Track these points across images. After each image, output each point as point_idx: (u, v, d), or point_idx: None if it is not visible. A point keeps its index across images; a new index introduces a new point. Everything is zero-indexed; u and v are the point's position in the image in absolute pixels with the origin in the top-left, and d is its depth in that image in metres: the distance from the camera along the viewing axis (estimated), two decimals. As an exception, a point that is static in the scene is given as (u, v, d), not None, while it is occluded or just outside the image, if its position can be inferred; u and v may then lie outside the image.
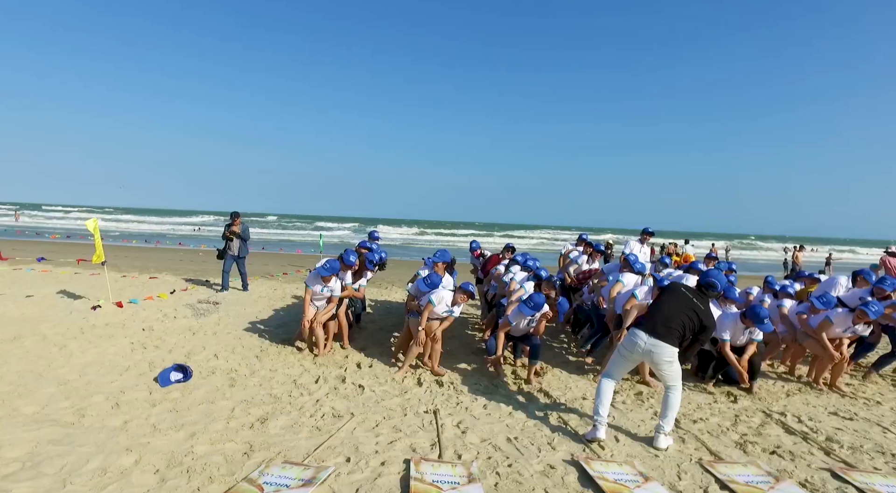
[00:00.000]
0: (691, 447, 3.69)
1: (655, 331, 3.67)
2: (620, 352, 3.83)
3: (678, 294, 3.83)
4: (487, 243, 19.14)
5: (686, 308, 3.73)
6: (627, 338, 3.79)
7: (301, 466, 3.12)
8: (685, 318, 3.70)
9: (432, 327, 5.37)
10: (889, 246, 14.62)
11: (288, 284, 12.24)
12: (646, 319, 3.80)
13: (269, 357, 5.62)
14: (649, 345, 3.66)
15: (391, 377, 5.11)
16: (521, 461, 3.37)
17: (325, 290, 5.80)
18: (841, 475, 3.30)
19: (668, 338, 3.65)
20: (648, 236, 8.32)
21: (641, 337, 3.68)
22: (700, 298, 3.86)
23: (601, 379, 3.89)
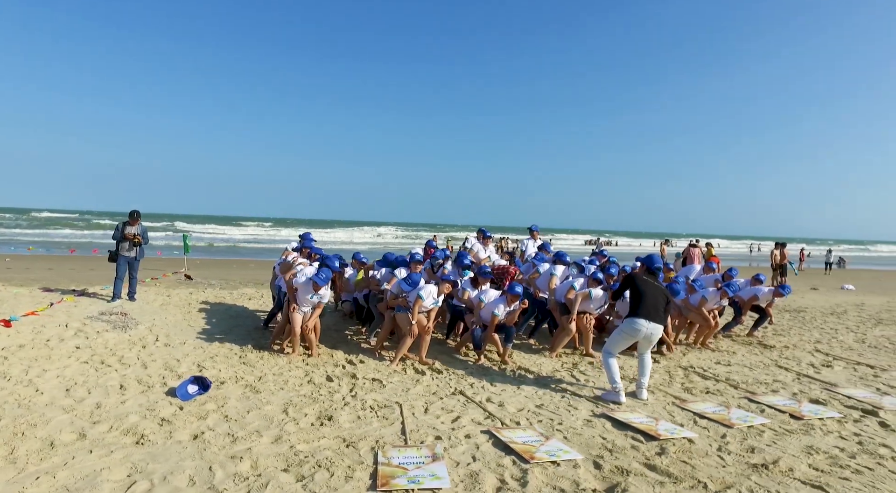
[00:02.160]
0: (659, 395, 4.97)
1: (652, 317, 4.74)
2: (622, 335, 4.84)
3: (647, 282, 4.94)
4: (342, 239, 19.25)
5: (662, 293, 4.94)
6: (629, 325, 4.75)
7: (413, 447, 3.55)
8: (664, 299, 4.92)
9: (423, 321, 5.91)
10: (692, 239, 19.02)
11: (171, 288, 11.26)
12: (640, 308, 4.75)
13: (257, 362, 5.56)
14: (651, 329, 4.74)
15: (392, 370, 5.54)
16: (565, 419, 4.24)
17: (315, 297, 5.91)
18: (753, 399, 4.88)
19: (662, 320, 4.81)
20: (536, 233, 9.74)
21: (643, 324, 4.70)
22: (656, 279, 5.07)
23: (605, 357, 4.86)
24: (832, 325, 9.48)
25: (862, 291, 16.54)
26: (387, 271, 7.31)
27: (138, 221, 8.86)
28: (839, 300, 13.58)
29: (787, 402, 4.77)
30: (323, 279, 5.80)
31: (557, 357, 6.39)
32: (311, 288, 5.84)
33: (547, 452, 3.50)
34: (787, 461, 3.49)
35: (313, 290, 5.84)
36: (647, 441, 3.78)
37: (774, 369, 6.16)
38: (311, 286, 5.83)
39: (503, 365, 5.91)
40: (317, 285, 5.80)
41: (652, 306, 4.79)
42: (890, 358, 6.92)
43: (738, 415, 4.35)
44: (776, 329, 8.80)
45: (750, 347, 7.37)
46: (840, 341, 7.95)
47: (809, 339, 8.07)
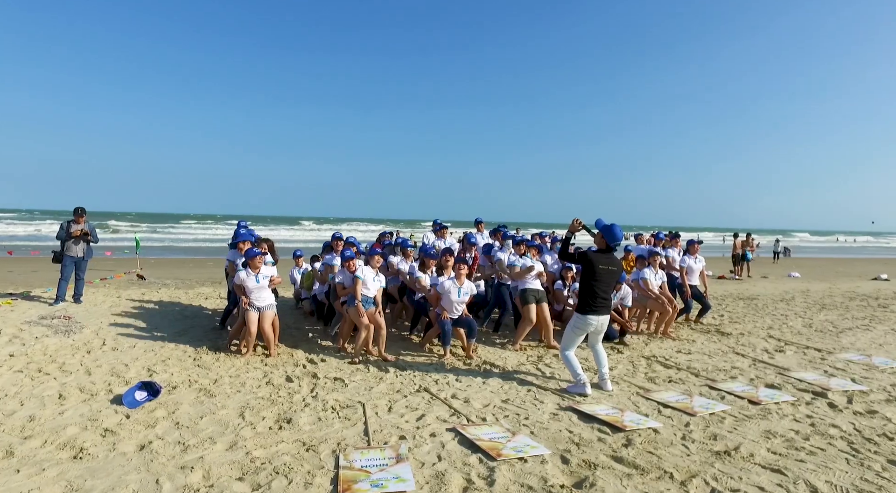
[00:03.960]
0: (624, 386, 5.01)
1: (602, 311, 4.70)
2: (574, 331, 4.77)
3: (604, 269, 4.69)
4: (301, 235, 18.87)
5: (614, 275, 4.77)
6: (581, 321, 4.70)
7: (376, 448, 3.42)
8: (613, 283, 4.80)
9: (372, 311, 5.78)
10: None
11: (122, 289, 10.74)
12: (592, 302, 4.65)
13: (212, 365, 5.30)
14: (602, 321, 4.74)
15: (355, 368, 5.38)
16: (531, 413, 4.19)
17: (260, 279, 5.71)
18: (713, 386, 4.98)
19: (608, 310, 4.80)
20: (482, 225, 9.70)
21: (593, 320, 4.67)
22: (612, 257, 4.82)
23: (564, 353, 4.81)
24: (782, 311, 9.87)
25: (806, 278, 17.36)
26: (330, 257, 7.13)
27: (84, 218, 8.35)
28: (787, 287, 14.20)
29: (745, 388, 4.88)
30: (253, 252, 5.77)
31: (522, 350, 6.37)
32: (248, 272, 5.73)
33: (514, 448, 3.44)
34: (748, 446, 3.55)
35: (252, 271, 5.72)
36: (614, 433, 3.78)
37: (732, 355, 6.32)
38: (247, 271, 5.73)
39: (468, 360, 5.84)
40: (252, 260, 5.73)
41: (603, 297, 4.71)
42: (834, 341, 7.24)
43: (700, 403, 4.41)
44: (732, 317, 9.09)
45: (709, 335, 7.56)
46: (790, 327, 8.27)
47: (763, 325, 8.36)
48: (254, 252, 5.73)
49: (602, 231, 4.76)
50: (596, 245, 4.90)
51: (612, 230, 4.72)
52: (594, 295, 4.70)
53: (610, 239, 4.74)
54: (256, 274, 5.71)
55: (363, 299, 5.75)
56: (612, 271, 4.76)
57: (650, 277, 7.50)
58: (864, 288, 14.20)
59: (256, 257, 5.69)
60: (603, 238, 4.77)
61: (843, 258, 32.01)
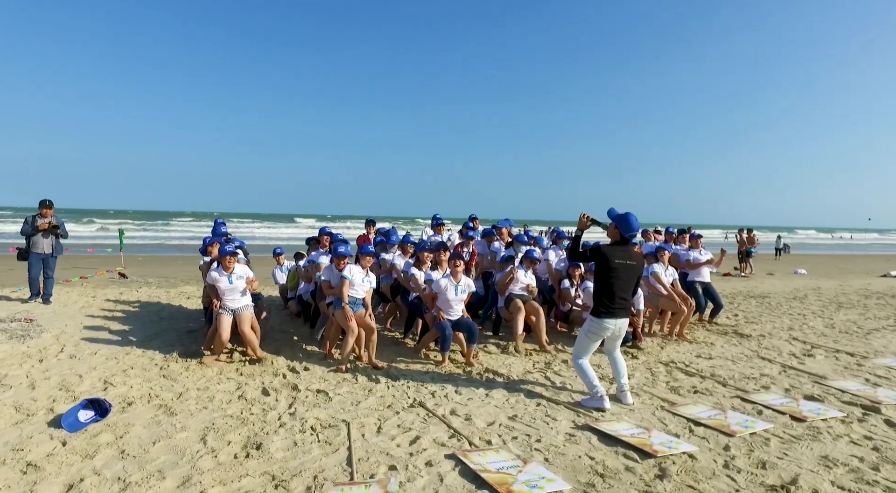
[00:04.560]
0: (645, 397, 4.43)
1: (620, 313, 4.11)
2: (589, 337, 4.18)
3: (621, 264, 4.07)
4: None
5: (634, 272, 4.15)
6: (596, 326, 4.10)
7: (360, 484, 2.82)
8: (635, 279, 4.20)
9: (361, 314, 5.20)
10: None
11: (100, 288, 10.11)
12: (609, 304, 4.03)
13: (180, 375, 4.69)
14: (620, 325, 4.14)
15: (341, 378, 4.78)
16: (544, 434, 3.61)
17: (234, 279, 5.13)
18: (746, 398, 4.40)
19: (627, 312, 4.20)
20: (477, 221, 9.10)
21: (610, 324, 4.08)
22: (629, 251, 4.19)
23: (578, 362, 4.22)
24: (798, 310, 9.33)
25: (812, 275, 16.86)
26: (316, 253, 6.54)
27: (51, 210, 7.71)
28: (797, 285, 13.69)
29: (784, 400, 4.31)
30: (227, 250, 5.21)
31: (527, 355, 5.79)
32: (221, 270, 5.16)
33: (527, 482, 2.86)
34: (807, 479, 2.97)
35: (225, 271, 5.14)
36: (643, 460, 3.19)
37: (757, 360, 5.76)
38: (220, 269, 5.17)
39: (468, 368, 5.25)
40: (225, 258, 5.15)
41: (621, 298, 4.10)
42: (864, 344, 6.69)
43: (736, 420, 3.83)
44: (747, 316, 8.54)
45: (727, 337, 7.00)
46: (811, 327, 7.73)
47: (782, 326, 7.81)
48: (226, 250, 5.13)
49: (616, 221, 4.17)
50: (610, 238, 4.29)
51: (626, 219, 4.11)
52: (611, 295, 4.10)
53: (625, 229, 4.11)
54: (230, 275, 5.12)
55: (351, 301, 5.16)
56: (631, 266, 4.15)
57: (660, 270, 6.95)
58: (876, 286, 13.69)
59: (227, 257, 5.09)
60: (617, 229, 4.16)
61: (844, 255, 31.59)
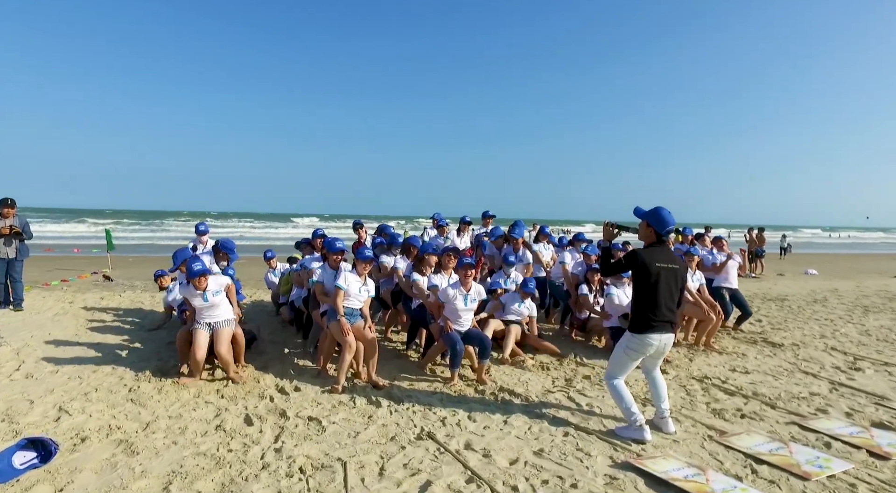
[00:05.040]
0: (688, 424, 3.84)
1: (666, 327, 3.52)
2: (628, 354, 3.58)
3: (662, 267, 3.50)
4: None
5: (676, 276, 3.57)
6: (637, 343, 3.51)
7: (359, 556, 2.23)
8: (680, 284, 3.61)
9: (359, 326, 4.60)
10: None
11: (80, 292, 9.49)
12: (652, 315, 3.46)
13: (150, 398, 4.07)
14: (666, 341, 3.55)
15: (337, 401, 4.17)
16: (579, 476, 3.02)
17: (209, 297, 4.52)
18: (805, 425, 3.82)
19: (674, 326, 3.61)
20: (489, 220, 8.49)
21: (654, 340, 3.49)
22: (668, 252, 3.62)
23: (612, 383, 3.63)
24: (823, 315, 8.77)
25: (824, 275, 16.34)
26: (308, 258, 5.93)
27: (13, 211, 7.08)
28: (812, 286, 13.15)
29: (851, 429, 3.71)
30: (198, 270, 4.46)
31: (543, 370, 5.20)
32: (190, 289, 4.54)
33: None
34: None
35: (196, 288, 4.51)
36: (707, 514, 2.61)
37: (800, 375, 5.18)
38: (190, 288, 4.54)
39: (480, 386, 4.66)
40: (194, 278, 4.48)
41: (667, 309, 3.52)
42: (910, 355, 6.13)
43: (805, 456, 3.24)
44: (772, 322, 7.97)
45: (756, 346, 6.43)
46: (845, 335, 7.17)
47: (812, 333, 7.25)
48: (195, 272, 4.42)
49: (647, 219, 3.59)
50: (643, 240, 3.70)
51: (659, 215, 3.54)
52: (654, 306, 3.49)
53: (660, 226, 3.55)
54: (204, 292, 4.51)
55: (347, 312, 4.56)
56: (674, 270, 3.55)
57: (688, 277, 6.41)
58: (895, 287, 13.17)
59: (197, 278, 4.45)
60: (650, 228, 3.58)
61: (848, 254, 31.11)
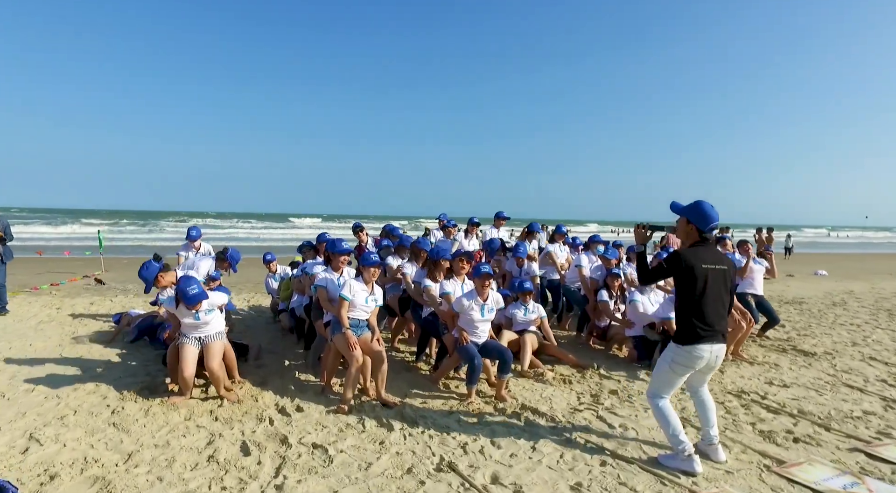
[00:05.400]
0: (736, 450, 3.43)
1: (715, 337, 3.09)
2: (675, 369, 3.14)
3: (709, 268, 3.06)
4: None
5: (724, 277, 3.14)
6: (683, 357, 3.10)
7: None
8: (727, 290, 3.16)
9: (366, 340, 4.19)
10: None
11: (69, 297, 9.06)
12: (696, 324, 3.05)
13: (135, 422, 3.65)
14: (717, 352, 3.12)
15: (344, 424, 3.75)
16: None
17: (201, 315, 4.08)
18: (873, 453, 3.40)
19: (725, 333, 3.18)
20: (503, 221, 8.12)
21: (705, 351, 3.07)
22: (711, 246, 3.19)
23: (656, 403, 3.21)
24: (847, 319, 8.38)
25: (835, 276, 15.97)
26: (311, 263, 5.51)
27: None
28: (826, 288, 12.78)
29: (925, 457, 3.31)
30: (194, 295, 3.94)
31: (566, 384, 4.79)
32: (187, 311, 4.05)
33: None
34: None
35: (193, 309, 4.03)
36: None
37: (845, 390, 4.77)
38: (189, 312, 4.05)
39: (500, 404, 4.24)
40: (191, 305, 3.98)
41: (717, 316, 3.10)
42: (951, 364, 5.73)
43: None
44: (796, 328, 7.57)
45: (787, 355, 6.02)
46: (878, 342, 6.77)
47: (842, 340, 6.85)
48: (192, 298, 3.92)
49: (686, 215, 3.16)
50: (683, 239, 3.27)
51: (701, 209, 3.11)
52: (702, 313, 3.06)
53: (702, 222, 3.11)
54: (196, 312, 4.07)
55: (353, 323, 4.14)
56: (721, 271, 3.12)
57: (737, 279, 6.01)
58: (912, 289, 12.80)
59: (198, 303, 4.00)
60: (690, 224, 3.15)
61: (853, 254, 30.81)
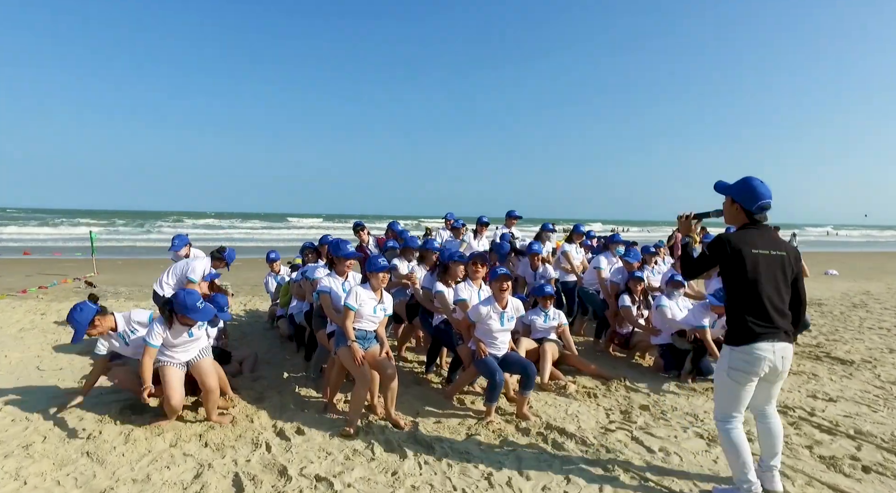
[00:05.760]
0: (800, 481, 3.01)
1: (776, 334, 2.59)
2: (736, 379, 2.67)
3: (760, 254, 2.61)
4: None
5: (781, 264, 2.64)
6: (739, 360, 2.63)
7: None
8: (786, 279, 2.68)
9: (374, 353, 3.76)
10: None
11: (56, 301, 8.64)
12: (749, 320, 2.58)
13: (113, 451, 3.21)
14: (781, 352, 2.62)
15: (351, 449, 3.32)
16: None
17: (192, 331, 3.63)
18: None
19: (789, 334, 2.67)
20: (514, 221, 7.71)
21: (765, 350, 2.58)
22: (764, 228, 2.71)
23: (724, 428, 2.72)
24: (874, 323, 7.96)
25: (847, 276, 15.59)
26: (312, 266, 5.08)
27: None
28: (841, 288, 12.39)
29: None
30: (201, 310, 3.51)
31: (591, 398, 4.37)
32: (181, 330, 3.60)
33: None
34: None
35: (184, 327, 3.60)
36: None
37: (898, 404, 4.36)
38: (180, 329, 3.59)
39: (523, 423, 3.82)
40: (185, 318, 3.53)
41: (774, 308, 2.60)
42: None
43: None
44: (822, 332, 7.16)
45: (822, 363, 5.60)
46: (914, 348, 6.37)
47: (876, 346, 6.43)
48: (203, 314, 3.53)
49: (732, 194, 2.71)
50: (729, 222, 2.82)
51: (746, 184, 2.66)
52: (758, 306, 2.60)
53: (747, 200, 2.65)
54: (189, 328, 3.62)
55: (360, 335, 3.71)
56: (778, 257, 2.65)
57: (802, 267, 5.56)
58: (931, 288, 12.41)
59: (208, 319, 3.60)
60: (734, 203, 2.70)
61: (859, 253, 30.44)
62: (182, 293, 3.49)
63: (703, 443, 3.51)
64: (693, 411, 4.11)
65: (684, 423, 3.86)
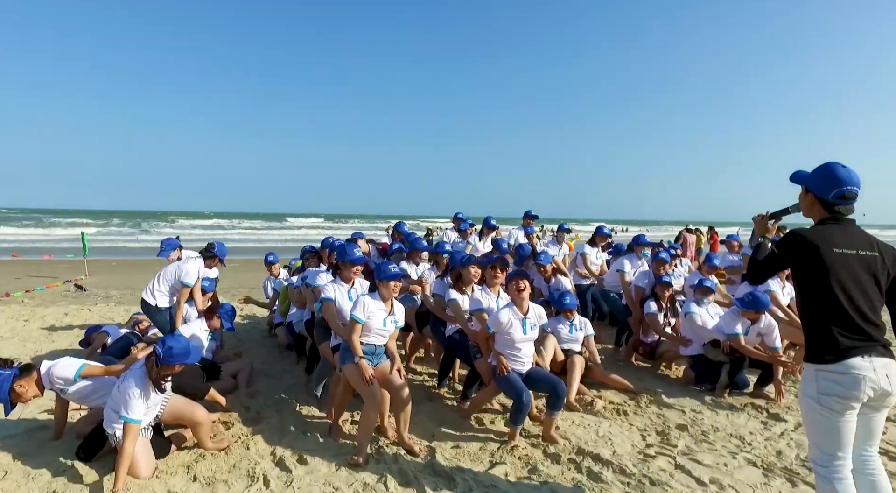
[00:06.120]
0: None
1: (869, 347, 2.13)
2: (828, 406, 2.13)
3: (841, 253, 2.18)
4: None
5: (867, 264, 2.20)
6: (828, 382, 2.14)
7: None
8: (875, 282, 2.21)
9: (384, 370, 3.35)
10: (688, 225, 17.20)
11: (43, 306, 8.23)
12: (833, 333, 2.14)
13: (83, 489, 2.79)
14: (881, 371, 2.13)
15: (361, 482, 2.91)
16: None
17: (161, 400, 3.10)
18: None
19: (884, 342, 2.19)
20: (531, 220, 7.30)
21: (861, 368, 2.10)
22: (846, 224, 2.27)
23: (822, 471, 2.19)
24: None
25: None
26: (313, 271, 4.64)
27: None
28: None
29: None
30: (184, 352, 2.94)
31: (621, 416, 3.97)
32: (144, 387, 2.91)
33: None
34: None
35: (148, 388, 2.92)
36: None
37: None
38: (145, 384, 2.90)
39: (550, 447, 3.41)
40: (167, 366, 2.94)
41: (862, 317, 2.15)
42: None
43: None
44: None
45: None
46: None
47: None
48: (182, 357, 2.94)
49: (806, 182, 2.31)
50: (811, 217, 2.36)
51: (826, 170, 2.24)
52: (840, 314, 2.15)
53: (826, 188, 2.23)
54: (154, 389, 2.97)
55: (368, 350, 3.30)
56: (865, 258, 2.19)
57: (777, 289, 5.25)
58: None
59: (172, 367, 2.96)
60: (808, 193, 2.30)
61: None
62: (170, 340, 2.92)
63: (759, 473, 3.11)
64: (737, 432, 3.72)
65: (731, 447, 3.47)
